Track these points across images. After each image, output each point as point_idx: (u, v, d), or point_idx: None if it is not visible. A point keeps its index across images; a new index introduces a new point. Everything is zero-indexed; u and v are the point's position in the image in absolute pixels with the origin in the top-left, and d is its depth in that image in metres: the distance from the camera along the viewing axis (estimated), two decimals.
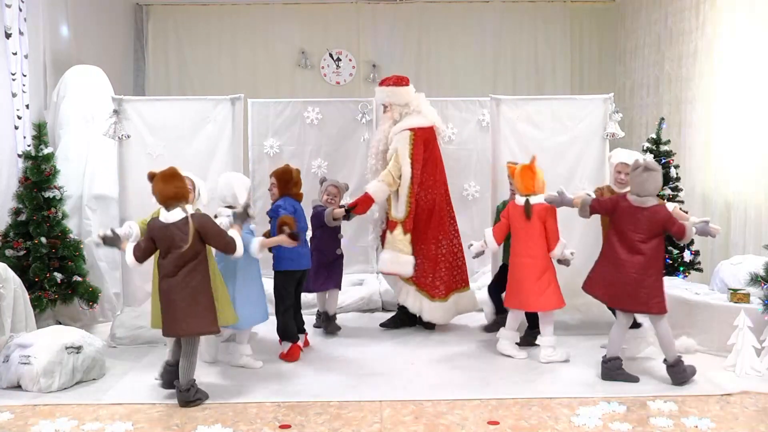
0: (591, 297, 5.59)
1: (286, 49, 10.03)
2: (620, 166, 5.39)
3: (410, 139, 5.92)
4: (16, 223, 6.06)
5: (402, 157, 5.90)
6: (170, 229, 4.46)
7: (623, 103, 9.14)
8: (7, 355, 4.84)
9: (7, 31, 6.21)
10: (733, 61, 6.80)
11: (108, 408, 4.45)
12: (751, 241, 6.42)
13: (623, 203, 4.85)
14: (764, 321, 5.00)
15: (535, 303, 5.31)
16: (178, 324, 4.46)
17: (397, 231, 5.91)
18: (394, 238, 5.92)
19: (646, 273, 4.77)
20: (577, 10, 10.13)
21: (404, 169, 5.90)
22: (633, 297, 4.79)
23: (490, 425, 4.09)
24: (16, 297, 5.17)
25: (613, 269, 4.86)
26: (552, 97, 6.63)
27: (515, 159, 5.92)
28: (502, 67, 10.10)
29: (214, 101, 5.96)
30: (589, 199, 5.04)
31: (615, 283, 4.84)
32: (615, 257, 4.85)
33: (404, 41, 10.07)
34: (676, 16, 8.02)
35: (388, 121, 6.05)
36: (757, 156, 6.40)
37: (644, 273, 4.77)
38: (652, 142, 7.03)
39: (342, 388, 4.75)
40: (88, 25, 8.13)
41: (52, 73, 7.12)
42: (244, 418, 4.25)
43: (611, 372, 4.85)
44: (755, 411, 4.33)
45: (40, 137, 6.15)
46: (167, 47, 10.00)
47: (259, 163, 7.34)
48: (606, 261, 4.94)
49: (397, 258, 5.90)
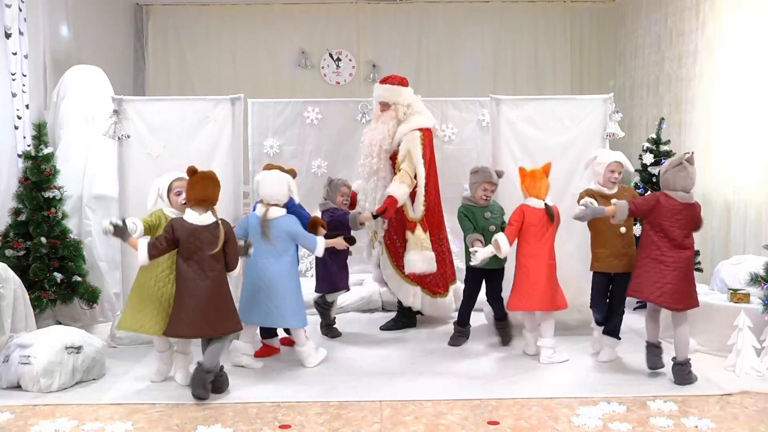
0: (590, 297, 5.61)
1: (286, 49, 10.03)
2: (614, 165, 5.27)
3: (421, 139, 5.94)
4: (16, 223, 6.06)
5: (416, 157, 5.91)
6: (200, 231, 4.52)
7: (623, 103, 9.15)
8: (7, 355, 4.84)
9: (7, 31, 6.21)
10: (733, 61, 6.80)
11: (108, 408, 4.45)
12: (751, 241, 6.42)
13: (666, 201, 4.79)
14: (764, 321, 5.00)
15: (551, 302, 5.28)
16: (213, 325, 4.56)
17: (419, 230, 5.91)
18: (417, 238, 5.89)
19: (691, 268, 4.83)
20: (577, 10, 10.14)
21: (418, 168, 5.90)
22: (685, 294, 4.79)
23: (490, 425, 4.09)
24: (16, 297, 5.17)
25: (663, 268, 4.77)
26: (552, 97, 6.62)
27: (515, 159, 5.92)
28: (502, 67, 10.11)
29: (214, 101, 5.96)
30: (626, 203, 4.87)
31: (669, 283, 4.76)
32: (663, 256, 4.79)
33: (404, 41, 10.08)
34: (676, 16, 8.02)
35: (392, 120, 6.00)
36: (757, 156, 6.40)
37: (690, 268, 4.83)
38: (652, 142, 7.04)
39: (342, 388, 4.75)
40: (88, 25, 8.13)
41: (52, 73, 7.12)
42: (244, 418, 4.25)
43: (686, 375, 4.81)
44: (755, 411, 4.33)
45: (40, 137, 6.15)
46: (167, 47, 10.01)
47: (259, 163, 7.32)
48: (653, 262, 4.81)
49: (425, 257, 5.88)
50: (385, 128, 5.99)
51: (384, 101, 6.04)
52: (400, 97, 6.00)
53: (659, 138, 7.02)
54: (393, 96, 6.01)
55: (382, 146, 5.97)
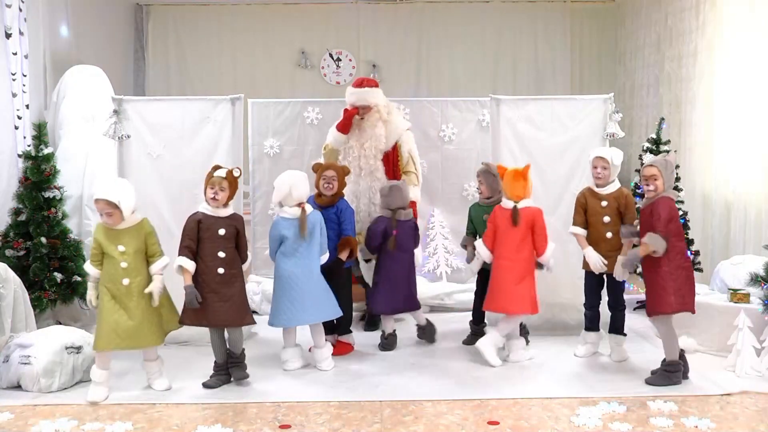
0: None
1: (286, 49, 10.04)
2: (596, 160, 5.25)
3: (412, 138, 6.09)
4: (16, 223, 6.06)
5: (417, 158, 6.17)
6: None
7: (623, 103, 9.14)
8: (7, 355, 4.83)
9: (7, 31, 6.20)
10: (733, 61, 6.80)
11: (108, 408, 4.45)
12: (751, 241, 6.41)
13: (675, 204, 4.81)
14: (764, 321, 5.00)
15: (511, 305, 5.16)
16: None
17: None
18: None
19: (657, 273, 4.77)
20: (577, 10, 10.14)
21: (418, 168, 6.13)
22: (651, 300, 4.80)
23: (490, 425, 4.09)
24: (16, 297, 5.17)
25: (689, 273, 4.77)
26: (552, 97, 6.62)
27: (515, 159, 5.89)
28: (502, 67, 10.11)
29: (214, 101, 5.96)
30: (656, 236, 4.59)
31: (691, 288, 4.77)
32: (688, 263, 4.81)
33: (404, 41, 10.08)
34: (676, 16, 8.02)
35: (378, 122, 6.06)
36: (757, 156, 6.40)
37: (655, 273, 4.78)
38: (652, 142, 7.03)
39: (342, 388, 4.75)
40: (88, 25, 8.13)
41: (52, 73, 7.11)
42: (244, 418, 4.25)
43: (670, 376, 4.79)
44: (755, 411, 4.33)
45: (40, 137, 6.15)
46: (167, 47, 10.01)
47: (259, 163, 7.33)
48: (682, 270, 4.70)
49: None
50: (376, 130, 6.04)
51: (365, 104, 6.06)
52: (378, 98, 6.09)
53: (659, 138, 7.01)
54: (373, 98, 6.07)
55: (378, 147, 6.03)
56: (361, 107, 6.06)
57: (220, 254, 4.74)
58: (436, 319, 6.09)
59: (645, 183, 4.77)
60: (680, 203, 6.75)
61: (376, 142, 6.02)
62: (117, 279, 4.55)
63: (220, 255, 4.74)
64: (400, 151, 6.14)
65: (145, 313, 4.59)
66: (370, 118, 6.06)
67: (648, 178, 4.74)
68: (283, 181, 5.10)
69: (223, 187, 4.78)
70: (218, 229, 4.76)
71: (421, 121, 7.35)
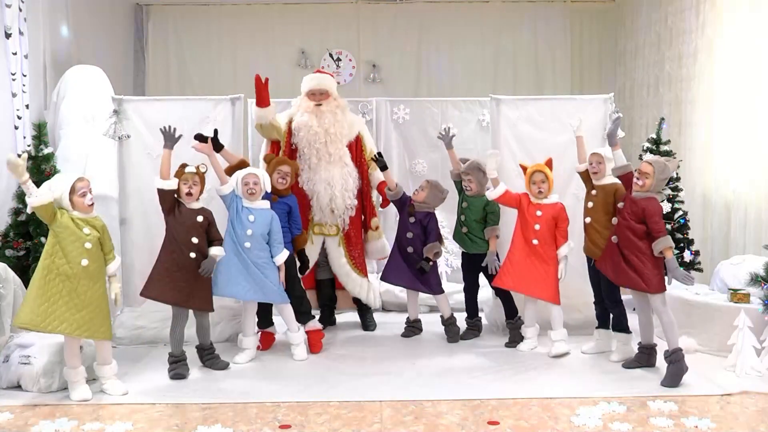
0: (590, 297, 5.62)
1: (286, 49, 10.03)
2: (590, 156, 5.38)
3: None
4: (16, 223, 6.05)
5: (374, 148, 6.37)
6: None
7: (623, 103, 9.14)
8: (7, 355, 4.84)
9: (7, 31, 6.20)
10: (733, 61, 6.80)
11: (108, 408, 4.45)
12: (751, 241, 6.42)
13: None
14: (764, 321, 5.01)
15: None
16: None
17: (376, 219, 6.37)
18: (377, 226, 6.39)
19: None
20: (577, 10, 10.13)
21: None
22: None
23: (490, 425, 4.10)
24: (16, 297, 5.17)
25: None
26: (552, 97, 6.62)
27: (515, 159, 5.93)
28: (502, 67, 10.10)
29: (214, 101, 5.96)
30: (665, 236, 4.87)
31: None
32: None
33: (404, 41, 10.07)
34: (676, 16, 8.02)
35: (337, 108, 6.05)
36: (757, 156, 6.40)
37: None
38: (652, 142, 7.03)
39: (342, 388, 4.75)
40: (88, 25, 8.12)
41: (52, 73, 7.11)
42: (244, 418, 4.25)
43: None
44: (755, 411, 4.34)
45: (40, 137, 6.14)
46: (167, 47, 10.01)
47: (259, 163, 7.31)
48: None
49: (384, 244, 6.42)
50: (338, 116, 6.01)
51: (324, 89, 6.05)
52: (335, 89, 6.16)
53: (659, 138, 7.01)
54: (331, 85, 6.13)
55: (343, 132, 6.02)
56: (319, 92, 6.03)
57: (194, 240, 4.99)
58: (436, 318, 6.09)
59: (636, 176, 4.95)
60: (680, 203, 6.76)
61: (340, 128, 5.98)
62: (77, 258, 4.50)
63: (193, 240, 4.99)
64: (363, 143, 6.19)
65: (92, 300, 4.55)
66: (329, 104, 6.04)
67: (641, 173, 4.93)
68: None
69: (196, 182, 5.05)
70: (196, 216, 5.00)
71: (421, 121, 7.36)
